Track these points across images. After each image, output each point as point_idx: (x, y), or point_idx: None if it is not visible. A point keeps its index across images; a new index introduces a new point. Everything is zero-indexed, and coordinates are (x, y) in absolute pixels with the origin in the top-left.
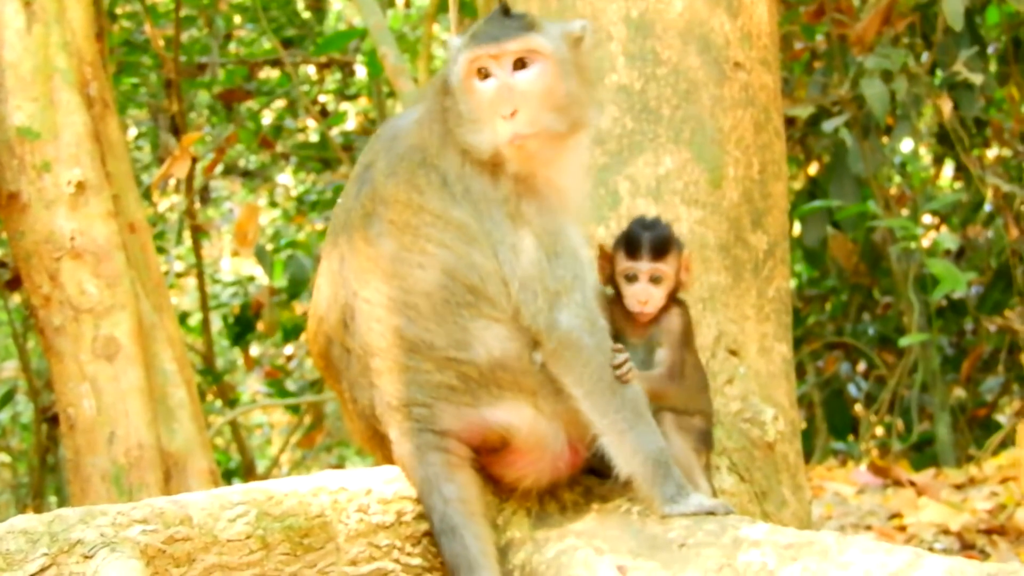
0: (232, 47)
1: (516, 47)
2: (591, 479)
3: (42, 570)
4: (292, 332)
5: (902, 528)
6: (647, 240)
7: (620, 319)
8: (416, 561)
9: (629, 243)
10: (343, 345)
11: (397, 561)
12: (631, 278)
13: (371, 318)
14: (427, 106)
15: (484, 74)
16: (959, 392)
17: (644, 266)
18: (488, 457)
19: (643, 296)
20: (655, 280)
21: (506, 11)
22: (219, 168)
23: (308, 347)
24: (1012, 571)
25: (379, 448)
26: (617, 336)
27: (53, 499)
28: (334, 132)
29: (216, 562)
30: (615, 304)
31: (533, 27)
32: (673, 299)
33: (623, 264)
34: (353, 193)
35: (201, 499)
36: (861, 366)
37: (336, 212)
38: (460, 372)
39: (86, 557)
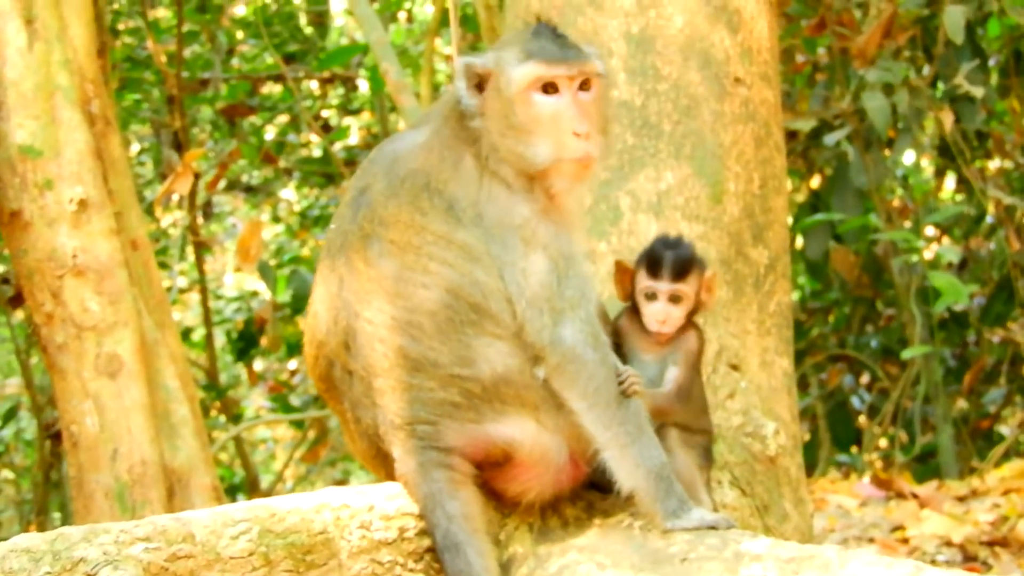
0: (235, 62)
1: (589, 70)
2: (593, 494)
3: None
4: (296, 347)
5: (905, 540)
6: (668, 260)
7: (634, 334)
8: None
9: (651, 262)
10: (345, 367)
11: None
12: (651, 296)
13: (374, 338)
14: (433, 130)
15: (550, 90)
16: (962, 404)
17: (664, 286)
18: (491, 472)
19: (662, 316)
20: (675, 300)
21: (554, 29)
22: (222, 183)
23: (308, 372)
24: None
25: (382, 467)
26: (626, 351)
27: (57, 515)
28: (337, 147)
29: None
30: (629, 319)
31: (586, 49)
32: (690, 319)
33: (644, 283)
34: (349, 216)
35: (203, 516)
36: (864, 378)
37: (330, 237)
38: (464, 389)
39: (89, 575)
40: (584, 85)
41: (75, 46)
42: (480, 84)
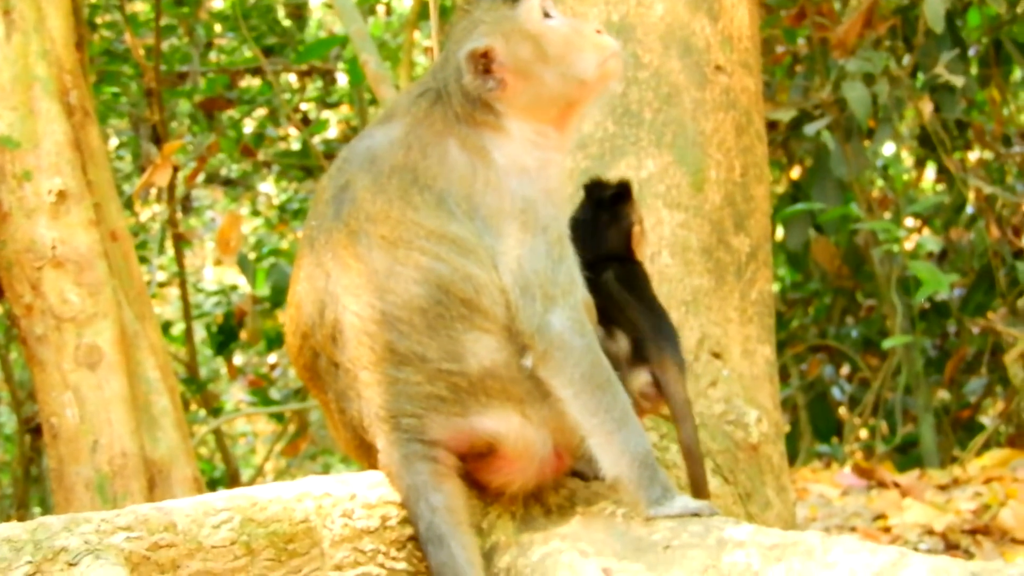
0: (213, 56)
1: None
2: (575, 482)
3: None
4: (275, 341)
5: (886, 529)
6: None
7: None
8: (401, 565)
9: None
10: (331, 359)
11: (382, 566)
12: None
13: (362, 332)
14: (405, 130)
15: (547, 14)
16: (943, 394)
17: None
18: (475, 463)
19: None
20: None
21: None
22: (201, 177)
23: (291, 361)
24: (996, 570)
25: (365, 457)
26: None
27: (37, 510)
28: (316, 140)
29: (201, 568)
30: None
31: None
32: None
33: None
34: (331, 214)
35: (185, 505)
36: (845, 369)
37: (310, 234)
38: (450, 383)
39: (70, 564)
40: None
41: (53, 37)
42: (487, 67)
